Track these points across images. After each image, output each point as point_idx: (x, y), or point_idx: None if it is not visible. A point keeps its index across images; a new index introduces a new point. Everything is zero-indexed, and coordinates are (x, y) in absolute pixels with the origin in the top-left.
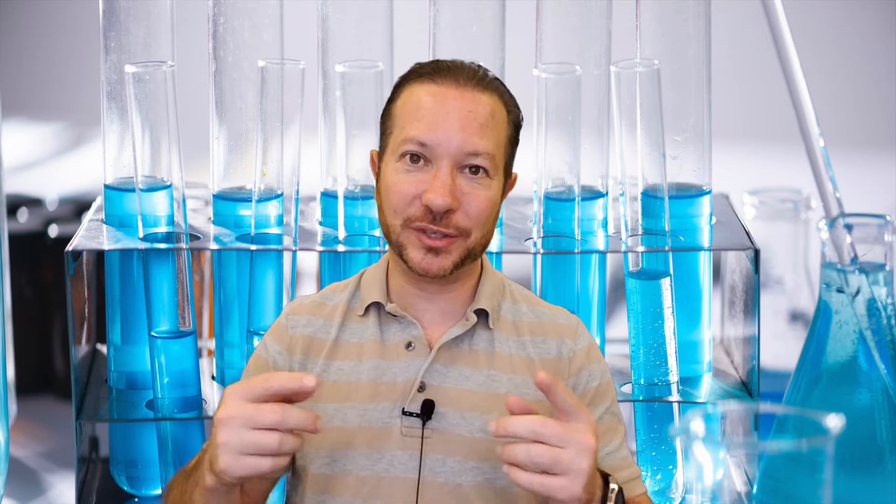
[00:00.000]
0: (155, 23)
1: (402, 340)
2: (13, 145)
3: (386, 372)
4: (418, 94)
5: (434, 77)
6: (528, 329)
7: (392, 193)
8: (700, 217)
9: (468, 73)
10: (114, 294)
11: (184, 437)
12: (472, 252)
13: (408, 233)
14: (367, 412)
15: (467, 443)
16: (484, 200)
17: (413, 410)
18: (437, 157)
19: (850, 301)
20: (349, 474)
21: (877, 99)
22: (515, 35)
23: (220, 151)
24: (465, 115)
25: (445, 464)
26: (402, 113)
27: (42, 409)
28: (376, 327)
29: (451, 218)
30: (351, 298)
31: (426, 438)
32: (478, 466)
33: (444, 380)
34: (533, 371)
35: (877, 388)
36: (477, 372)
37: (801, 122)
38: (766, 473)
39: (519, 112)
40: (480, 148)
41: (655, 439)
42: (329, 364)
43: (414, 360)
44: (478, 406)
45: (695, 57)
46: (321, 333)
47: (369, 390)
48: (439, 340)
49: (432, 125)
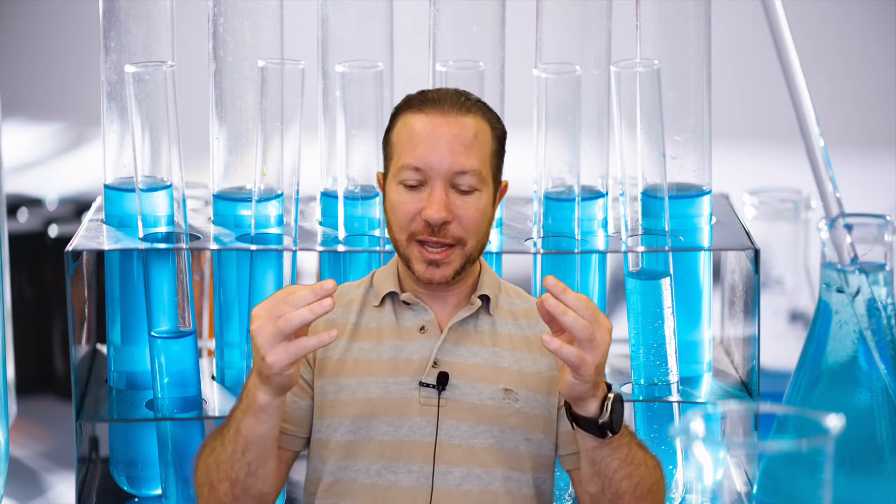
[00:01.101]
0: (155, 23)
1: (415, 325)
2: (13, 145)
3: (403, 350)
4: (410, 123)
5: (422, 108)
6: (522, 314)
7: (397, 213)
8: (700, 217)
9: (451, 101)
10: (114, 294)
11: (184, 437)
12: (470, 257)
13: (412, 246)
14: (388, 385)
15: (478, 409)
16: (475, 212)
17: (429, 382)
18: (431, 178)
19: (850, 301)
20: (372, 440)
21: (877, 99)
22: (515, 35)
23: (220, 151)
24: (452, 138)
25: (459, 428)
26: (398, 142)
27: (42, 409)
28: (392, 314)
29: (447, 229)
30: (366, 293)
31: (441, 407)
32: (488, 429)
33: (455, 356)
34: (531, 348)
35: (877, 388)
36: (483, 349)
37: (801, 122)
38: (766, 473)
39: (502, 126)
40: (467, 166)
41: (655, 439)
42: (350, 345)
43: (427, 340)
44: (486, 377)
45: (695, 57)
46: (341, 318)
47: (389, 366)
48: (449, 322)
49: (424, 152)
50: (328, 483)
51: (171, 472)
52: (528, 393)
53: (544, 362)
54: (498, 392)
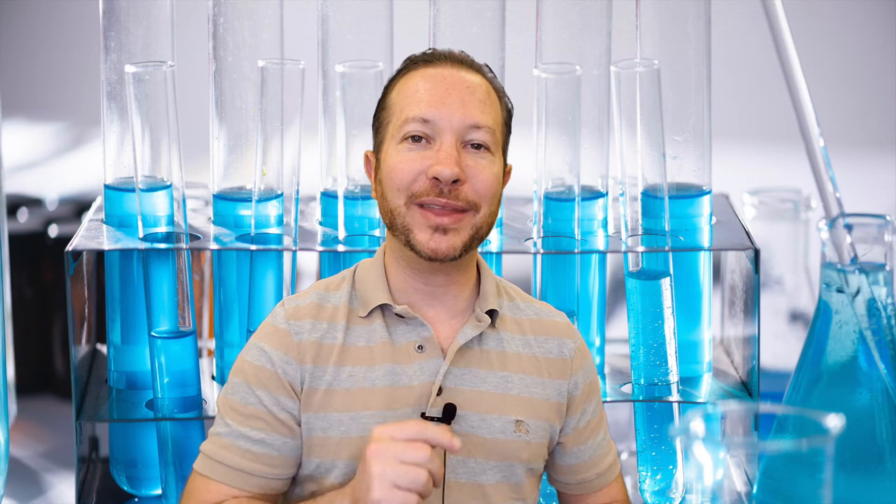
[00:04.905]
0: (155, 23)
1: (412, 342)
2: (13, 145)
3: (401, 376)
4: (414, 80)
5: (430, 61)
6: (529, 327)
7: (396, 172)
8: (700, 217)
9: (461, 57)
10: (114, 294)
11: (184, 437)
12: (480, 231)
13: (413, 212)
14: (386, 419)
15: (489, 444)
16: (490, 174)
17: (434, 415)
18: (441, 132)
19: (850, 301)
20: None
21: (877, 99)
22: (515, 35)
23: (220, 151)
24: (465, 90)
25: (467, 464)
26: (400, 99)
27: (42, 409)
28: (383, 329)
29: (459, 190)
30: (349, 298)
31: None
32: (496, 465)
33: (461, 382)
34: (539, 370)
35: (877, 388)
36: (491, 374)
37: (801, 122)
38: (766, 473)
39: (509, 100)
40: (482, 121)
41: (655, 439)
42: (339, 370)
43: (427, 362)
44: (495, 408)
45: (695, 57)
46: (328, 338)
47: (385, 396)
48: (454, 343)
49: (433, 102)
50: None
51: (171, 472)
52: (537, 423)
53: (553, 388)
54: (509, 425)
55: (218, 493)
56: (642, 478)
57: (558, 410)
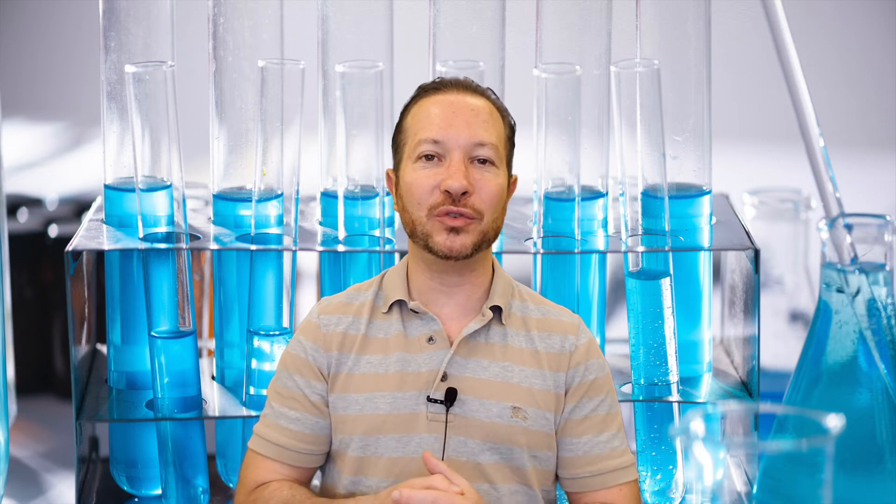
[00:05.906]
0: (155, 23)
1: (423, 335)
2: (13, 145)
3: (411, 363)
4: (426, 105)
5: (438, 88)
6: (535, 325)
7: (414, 188)
8: (700, 217)
9: (466, 83)
10: (114, 294)
11: (184, 437)
12: (487, 235)
13: (432, 221)
14: (395, 400)
15: (486, 426)
16: (494, 186)
17: (437, 398)
18: (450, 151)
19: (850, 301)
20: (381, 457)
21: (877, 99)
22: (515, 35)
23: (220, 151)
24: (469, 112)
25: (467, 445)
26: (413, 123)
27: (42, 409)
28: (399, 323)
29: (468, 200)
30: (375, 297)
31: (449, 423)
32: (495, 447)
33: (464, 370)
34: (539, 363)
35: (877, 388)
36: (493, 363)
37: (801, 122)
38: (766, 473)
39: (511, 118)
40: (485, 139)
41: (655, 439)
42: (359, 358)
43: (436, 352)
44: (495, 394)
45: (695, 57)
46: (352, 329)
47: (396, 380)
48: (460, 334)
49: (443, 124)
50: (343, 497)
51: (171, 472)
52: (537, 411)
53: (553, 380)
54: (507, 410)
55: (265, 468)
56: (642, 478)
57: (557, 401)
